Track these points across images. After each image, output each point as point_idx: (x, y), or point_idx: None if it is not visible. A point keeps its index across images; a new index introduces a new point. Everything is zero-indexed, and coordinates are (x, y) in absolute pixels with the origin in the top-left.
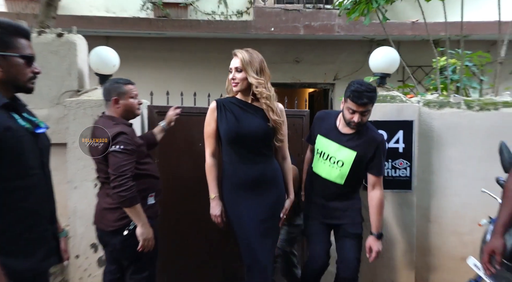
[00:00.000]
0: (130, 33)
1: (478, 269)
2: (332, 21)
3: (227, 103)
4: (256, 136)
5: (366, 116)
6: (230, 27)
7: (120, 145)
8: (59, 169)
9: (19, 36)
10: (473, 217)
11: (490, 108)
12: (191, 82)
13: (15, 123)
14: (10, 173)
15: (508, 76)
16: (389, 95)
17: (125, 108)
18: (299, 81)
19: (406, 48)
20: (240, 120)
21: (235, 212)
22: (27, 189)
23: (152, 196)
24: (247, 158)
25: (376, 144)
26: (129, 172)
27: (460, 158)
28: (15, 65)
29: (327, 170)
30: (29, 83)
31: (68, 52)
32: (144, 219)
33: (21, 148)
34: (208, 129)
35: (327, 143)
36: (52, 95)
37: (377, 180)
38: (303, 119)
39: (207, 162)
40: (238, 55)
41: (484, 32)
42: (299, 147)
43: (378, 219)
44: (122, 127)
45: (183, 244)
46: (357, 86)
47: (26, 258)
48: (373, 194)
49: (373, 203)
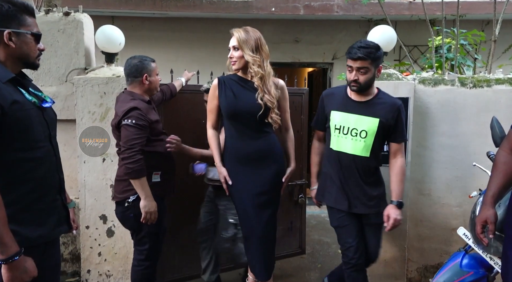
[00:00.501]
0: (134, 13)
1: (468, 239)
2: (331, 1)
3: (228, 80)
4: (253, 113)
5: (365, 75)
6: (231, 7)
7: (132, 119)
8: (68, 144)
9: (28, 14)
10: (464, 189)
11: (483, 85)
12: (194, 61)
13: (22, 97)
14: (19, 145)
15: (502, 54)
16: (386, 73)
17: (151, 85)
18: (298, 61)
19: (403, 28)
20: (238, 97)
21: (235, 185)
22: (36, 160)
23: (157, 174)
24: (246, 133)
25: (397, 108)
26: (138, 146)
27: (453, 133)
28: (27, 42)
29: (351, 144)
30: (37, 60)
31: (75, 30)
32: (148, 192)
33: (28, 120)
34: (210, 105)
35: (345, 116)
36: (60, 73)
37: (399, 147)
38: (302, 97)
39: (208, 133)
40: (234, 34)
41: (479, 12)
42: (298, 124)
43: (400, 187)
44: (137, 103)
45: (187, 221)
46: (354, 43)
47: (37, 226)
48: (395, 162)
49: (395, 171)
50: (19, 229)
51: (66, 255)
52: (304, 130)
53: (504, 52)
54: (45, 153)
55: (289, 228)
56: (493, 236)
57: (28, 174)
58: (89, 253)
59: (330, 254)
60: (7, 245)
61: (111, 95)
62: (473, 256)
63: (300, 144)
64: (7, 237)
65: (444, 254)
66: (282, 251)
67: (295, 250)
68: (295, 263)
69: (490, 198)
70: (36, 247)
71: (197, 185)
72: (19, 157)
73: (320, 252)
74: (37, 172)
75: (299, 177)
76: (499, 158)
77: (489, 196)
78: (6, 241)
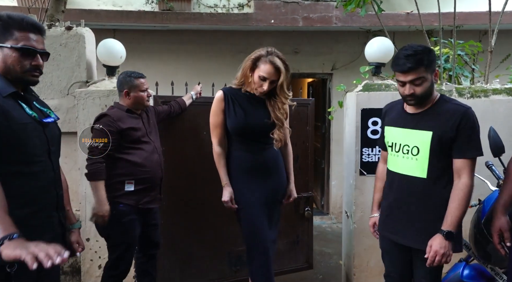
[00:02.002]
0: (136, 26)
1: (469, 249)
2: (330, 13)
3: (235, 95)
4: (263, 129)
5: (422, 86)
6: (231, 20)
7: (99, 125)
8: (70, 156)
9: (18, 28)
10: None
11: (480, 95)
12: (195, 73)
13: (20, 111)
14: (13, 158)
15: (499, 64)
16: (384, 84)
17: (134, 101)
18: (298, 71)
19: (401, 39)
20: (248, 114)
21: (241, 195)
22: (31, 175)
23: (131, 183)
24: (253, 147)
25: (458, 115)
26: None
27: None
28: (9, 56)
29: (402, 163)
30: (28, 75)
31: (77, 44)
32: (101, 197)
33: (23, 134)
34: (216, 119)
35: (395, 131)
36: (62, 86)
37: (462, 164)
38: (308, 108)
39: (215, 151)
40: (280, 69)
41: (476, 22)
42: (304, 135)
43: (454, 214)
44: (110, 111)
45: (188, 229)
46: (398, 52)
47: None
48: (456, 183)
49: (454, 193)
50: None
51: (66, 268)
52: (310, 141)
53: (501, 62)
54: (42, 168)
55: (295, 241)
56: (510, 243)
57: (21, 188)
58: (90, 266)
59: (331, 265)
60: (5, 225)
61: None
62: (474, 266)
63: (306, 155)
64: (5, 219)
65: (445, 265)
66: (289, 265)
67: (302, 265)
68: (296, 275)
69: (502, 206)
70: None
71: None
72: (12, 171)
73: (322, 263)
74: (31, 186)
75: (305, 189)
76: (510, 167)
77: (500, 205)
78: (4, 221)
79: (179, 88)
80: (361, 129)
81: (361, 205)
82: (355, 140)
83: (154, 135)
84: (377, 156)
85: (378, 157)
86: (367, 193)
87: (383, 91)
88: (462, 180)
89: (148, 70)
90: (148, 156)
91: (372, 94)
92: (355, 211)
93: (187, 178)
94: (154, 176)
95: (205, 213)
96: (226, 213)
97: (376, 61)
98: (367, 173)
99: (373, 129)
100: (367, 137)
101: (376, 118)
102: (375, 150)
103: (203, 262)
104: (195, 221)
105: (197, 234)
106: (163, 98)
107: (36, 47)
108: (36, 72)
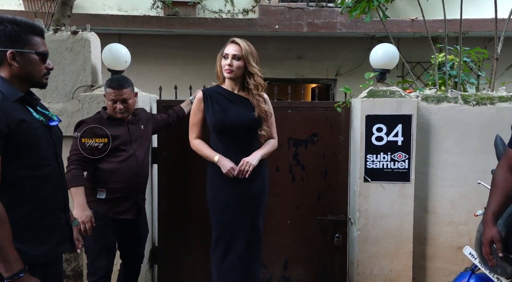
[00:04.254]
0: (141, 31)
1: (474, 258)
2: (334, 19)
3: (214, 93)
4: (242, 127)
5: None
6: (236, 25)
7: (76, 132)
8: None
9: (34, 34)
10: (469, 207)
11: (486, 103)
12: (199, 77)
13: (29, 116)
14: (26, 163)
15: (504, 71)
16: (389, 90)
17: (108, 108)
18: (302, 77)
19: (405, 45)
20: (226, 112)
21: (215, 197)
22: (41, 178)
23: (102, 191)
24: (233, 147)
25: None
26: (73, 156)
27: (457, 150)
28: (31, 61)
29: None
30: (43, 79)
31: (82, 49)
32: (80, 202)
33: (35, 139)
34: (194, 118)
35: None
36: (67, 90)
37: None
38: (342, 114)
39: (193, 142)
40: (239, 43)
41: (481, 29)
42: (335, 145)
43: None
44: (90, 119)
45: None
46: None
47: (39, 244)
48: None
49: None
50: (21, 247)
51: (68, 272)
52: (343, 153)
53: (507, 69)
54: (51, 171)
55: (321, 273)
56: (502, 255)
57: (32, 192)
58: None
59: None
60: (12, 262)
61: None
62: (480, 276)
63: (337, 170)
64: (12, 254)
65: (450, 274)
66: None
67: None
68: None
69: (491, 216)
70: (38, 265)
71: None
72: (24, 175)
73: None
74: (42, 190)
75: (335, 211)
76: (497, 176)
77: (490, 215)
78: (11, 258)
79: (184, 92)
80: (366, 136)
81: (365, 212)
82: (360, 146)
83: (139, 144)
84: (382, 162)
85: (383, 163)
86: (371, 199)
87: (388, 97)
88: None
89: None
90: (121, 166)
91: (377, 100)
92: (359, 218)
93: (184, 182)
94: (128, 186)
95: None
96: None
97: (381, 68)
98: (371, 180)
99: (377, 136)
100: (371, 144)
101: (380, 125)
102: (380, 156)
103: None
104: (200, 234)
105: (202, 248)
106: (166, 103)
107: (47, 51)
108: (48, 75)
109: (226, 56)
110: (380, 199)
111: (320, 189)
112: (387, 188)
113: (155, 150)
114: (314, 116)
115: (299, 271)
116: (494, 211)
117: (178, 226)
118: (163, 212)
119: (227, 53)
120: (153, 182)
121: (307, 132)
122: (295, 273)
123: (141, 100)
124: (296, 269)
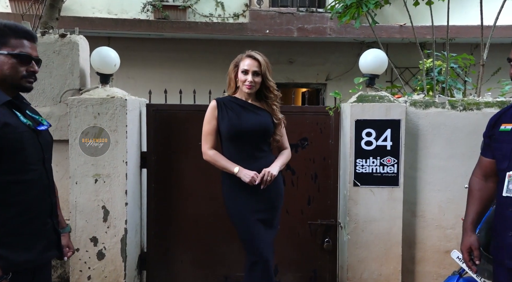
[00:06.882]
0: (130, 34)
1: (462, 262)
2: (324, 24)
3: (228, 102)
4: (257, 133)
5: None
6: (226, 29)
7: None
8: (61, 164)
9: (13, 35)
10: (456, 212)
11: (473, 108)
12: (189, 81)
13: (16, 120)
14: (10, 167)
15: (490, 77)
16: (378, 95)
17: None
18: (292, 81)
19: (394, 50)
20: (241, 118)
21: (235, 207)
22: (27, 183)
23: None
24: (247, 153)
25: None
26: None
27: (444, 155)
28: (5, 63)
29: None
30: (24, 82)
31: (71, 52)
32: None
33: (21, 143)
34: (208, 127)
35: None
36: (54, 93)
37: None
38: (331, 118)
39: (208, 153)
40: (259, 59)
41: (468, 36)
42: (325, 150)
43: None
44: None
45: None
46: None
47: (24, 250)
48: None
49: None
50: (5, 252)
51: (55, 279)
52: (333, 158)
53: (493, 75)
54: (37, 176)
55: (311, 277)
56: (479, 262)
57: (17, 196)
58: (79, 277)
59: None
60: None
61: (105, 116)
62: (467, 279)
63: (328, 174)
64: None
65: (438, 277)
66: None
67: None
68: None
69: (470, 224)
70: (24, 271)
71: None
72: (9, 180)
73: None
74: (27, 194)
75: (325, 215)
76: (473, 185)
77: (469, 223)
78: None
79: (173, 96)
80: (355, 140)
81: (354, 216)
82: (349, 151)
83: None
84: (371, 167)
85: (372, 168)
86: (361, 204)
87: (377, 102)
88: None
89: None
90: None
91: (366, 105)
92: (349, 222)
93: (179, 188)
94: None
95: (199, 224)
96: (225, 230)
97: (370, 73)
98: (361, 184)
99: (367, 141)
100: (361, 148)
101: (370, 129)
102: (369, 160)
103: (203, 272)
104: (189, 241)
105: (192, 254)
106: (155, 107)
107: (31, 54)
108: (31, 78)
109: (245, 72)
110: (369, 203)
111: (310, 193)
112: (376, 192)
113: (144, 154)
114: (304, 121)
115: (290, 275)
116: (472, 219)
117: (167, 231)
118: (152, 217)
119: (247, 69)
120: (142, 186)
121: (297, 137)
122: (286, 277)
123: (130, 104)
124: (287, 273)
